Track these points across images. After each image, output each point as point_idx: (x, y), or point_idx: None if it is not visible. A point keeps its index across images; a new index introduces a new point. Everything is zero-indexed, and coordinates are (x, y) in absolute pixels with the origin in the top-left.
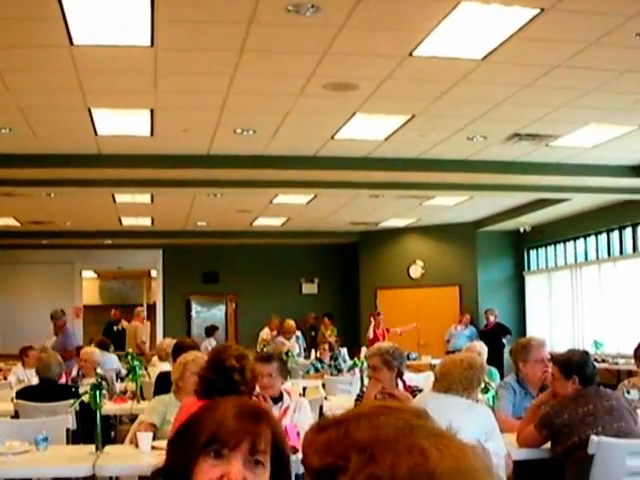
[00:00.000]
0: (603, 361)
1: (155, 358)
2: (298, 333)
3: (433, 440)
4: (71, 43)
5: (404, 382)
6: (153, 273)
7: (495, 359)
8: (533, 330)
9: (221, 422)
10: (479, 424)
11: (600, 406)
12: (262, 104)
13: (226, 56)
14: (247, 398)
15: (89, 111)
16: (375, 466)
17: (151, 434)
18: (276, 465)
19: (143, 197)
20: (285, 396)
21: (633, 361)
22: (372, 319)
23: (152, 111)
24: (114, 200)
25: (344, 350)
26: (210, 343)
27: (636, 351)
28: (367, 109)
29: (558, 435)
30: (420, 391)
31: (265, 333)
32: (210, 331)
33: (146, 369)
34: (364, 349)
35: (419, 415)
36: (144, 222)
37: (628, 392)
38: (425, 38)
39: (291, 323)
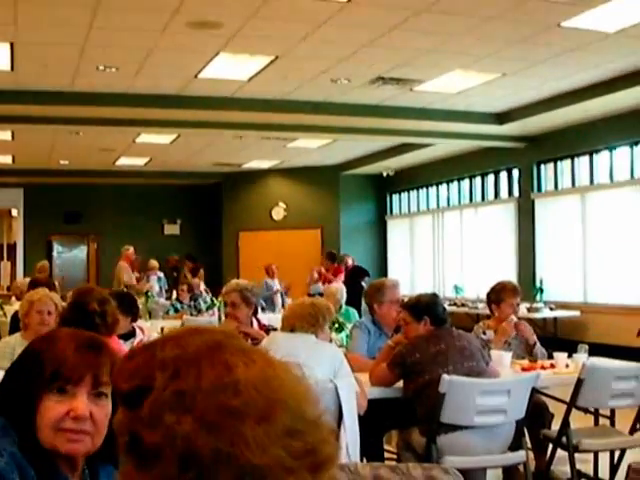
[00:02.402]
0: (463, 305)
1: (13, 298)
2: (160, 274)
3: (240, 355)
4: None
5: (259, 321)
6: (14, 212)
7: (353, 301)
8: (395, 274)
9: (62, 358)
10: (327, 362)
11: (452, 345)
12: (125, 40)
13: None
14: (83, 330)
15: None
16: (179, 381)
17: None
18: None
19: (4, 134)
20: (138, 332)
21: None
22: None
23: (12, 45)
24: None
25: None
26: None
27: (489, 295)
28: (231, 49)
29: (410, 373)
30: (275, 330)
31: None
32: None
33: (2, 308)
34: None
35: (230, 335)
36: (4, 160)
37: (484, 333)
38: None
39: (154, 262)
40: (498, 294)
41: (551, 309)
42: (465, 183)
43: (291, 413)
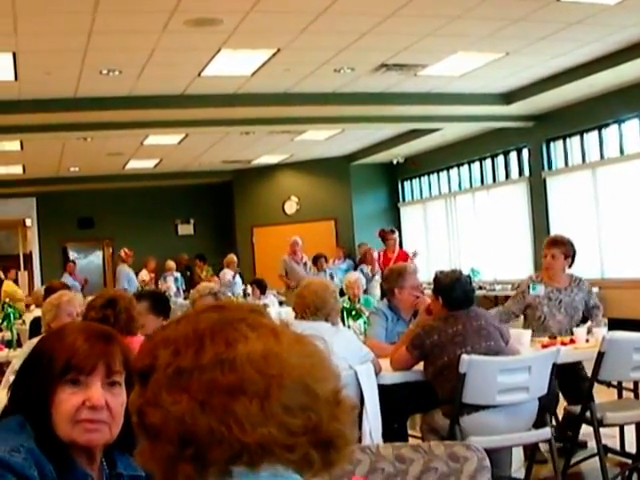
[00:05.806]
0: (480, 288)
1: (33, 305)
2: (176, 274)
3: (246, 330)
4: None
5: None
6: (28, 222)
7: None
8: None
9: (73, 349)
10: (344, 346)
11: (469, 326)
12: (126, 43)
13: None
14: (93, 322)
15: None
16: (179, 359)
17: None
18: (128, 384)
19: (12, 144)
20: None
21: (510, 287)
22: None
23: (14, 54)
24: None
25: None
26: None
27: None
28: (232, 44)
29: (429, 355)
30: None
31: (143, 274)
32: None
33: (21, 317)
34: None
35: (251, 310)
36: (15, 170)
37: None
38: None
39: (171, 263)
40: None
41: None
42: (476, 166)
43: (291, 390)
